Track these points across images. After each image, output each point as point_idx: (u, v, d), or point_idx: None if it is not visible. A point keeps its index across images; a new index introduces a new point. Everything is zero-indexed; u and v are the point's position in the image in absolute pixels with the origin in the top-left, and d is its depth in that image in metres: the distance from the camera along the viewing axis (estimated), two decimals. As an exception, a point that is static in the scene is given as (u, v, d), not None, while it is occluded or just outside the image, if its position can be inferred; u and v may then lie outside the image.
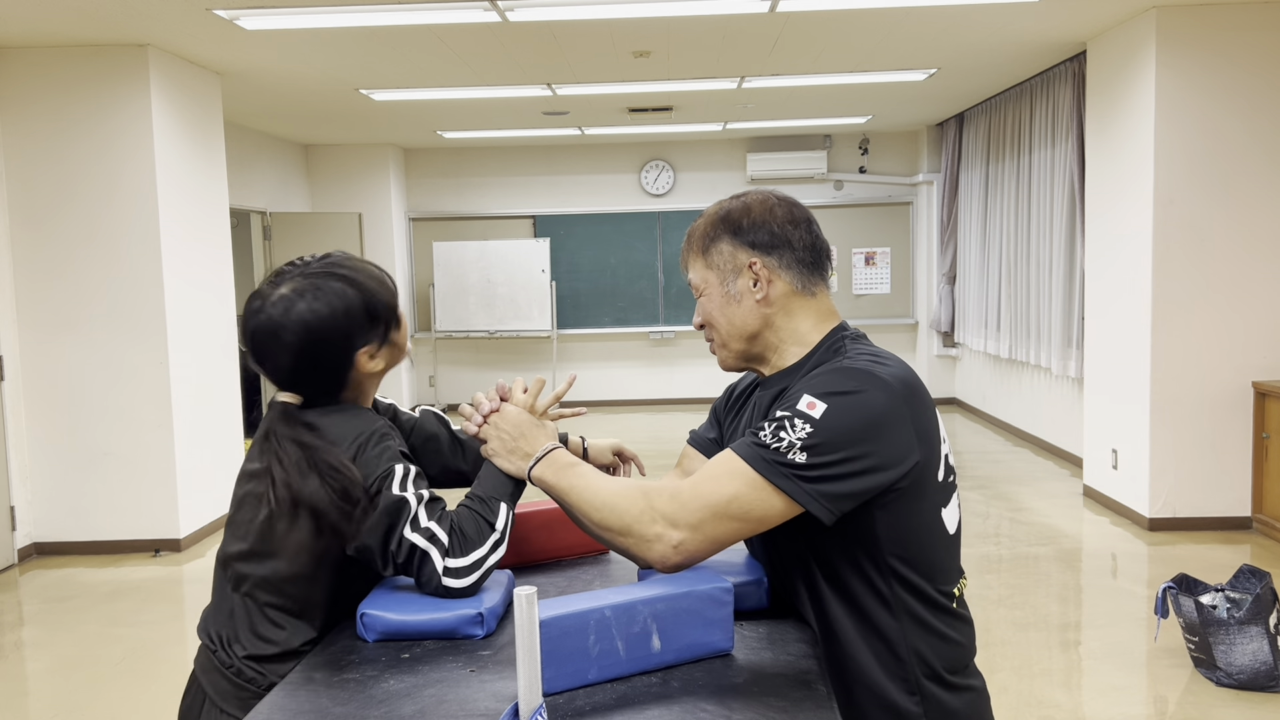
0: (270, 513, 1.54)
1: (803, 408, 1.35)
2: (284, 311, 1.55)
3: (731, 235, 1.50)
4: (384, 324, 1.62)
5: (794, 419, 1.35)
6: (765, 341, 1.51)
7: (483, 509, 1.55)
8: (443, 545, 1.50)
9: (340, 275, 1.59)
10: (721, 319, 1.51)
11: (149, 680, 3.93)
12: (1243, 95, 5.27)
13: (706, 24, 5.37)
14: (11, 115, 5.49)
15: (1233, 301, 5.35)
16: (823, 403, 1.34)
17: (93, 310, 5.58)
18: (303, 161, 9.77)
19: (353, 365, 1.60)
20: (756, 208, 1.51)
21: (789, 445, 1.33)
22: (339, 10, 4.80)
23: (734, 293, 1.50)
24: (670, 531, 1.35)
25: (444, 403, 10.50)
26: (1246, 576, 3.64)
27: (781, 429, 1.35)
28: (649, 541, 1.36)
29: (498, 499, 1.57)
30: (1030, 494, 6.40)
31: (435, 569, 1.49)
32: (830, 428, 1.33)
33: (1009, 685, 3.62)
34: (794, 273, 1.49)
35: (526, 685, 1.09)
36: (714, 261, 1.51)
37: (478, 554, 1.52)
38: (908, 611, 1.42)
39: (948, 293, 9.49)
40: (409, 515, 1.50)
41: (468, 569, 1.51)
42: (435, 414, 1.88)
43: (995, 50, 6.27)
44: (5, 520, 5.46)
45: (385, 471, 1.52)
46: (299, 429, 1.55)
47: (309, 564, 1.55)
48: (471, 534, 1.52)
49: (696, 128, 9.24)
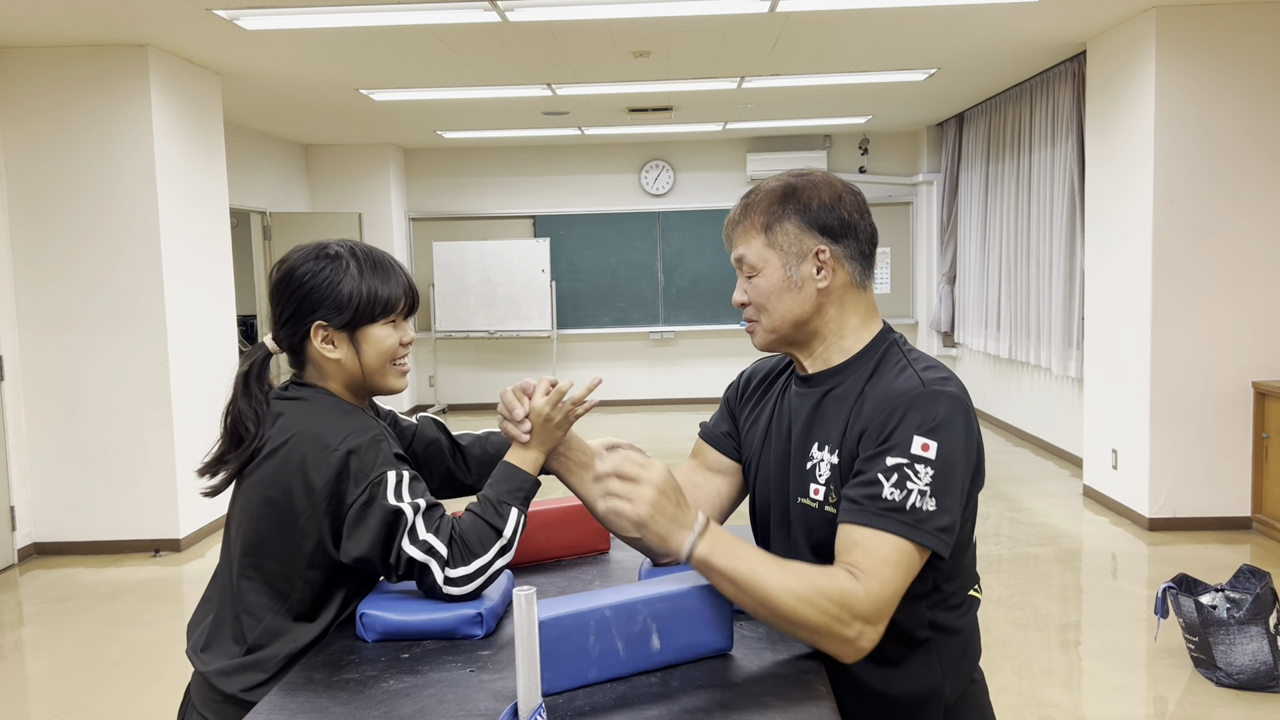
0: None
1: (917, 451, 1.33)
2: (298, 250, 1.61)
3: (800, 215, 1.41)
4: (353, 313, 1.57)
5: (914, 465, 1.33)
6: (812, 329, 1.46)
7: (491, 515, 1.52)
8: (442, 557, 1.48)
9: (348, 249, 1.60)
10: (777, 303, 1.43)
11: (149, 680, 3.93)
12: (1243, 95, 5.27)
13: (706, 24, 5.37)
14: (11, 115, 5.49)
15: (1233, 301, 5.35)
16: (933, 440, 1.33)
17: (92, 310, 5.58)
18: (303, 161, 9.78)
19: (307, 335, 1.58)
20: (825, 190, 1.42)
21: (919, 494, 1.32)
22: (339, 10, 4.80)
23: (796, 278, 1.42)
24: (869, 630, 1.30)
25: (444, 403, 10.50)
26: (1246, 576, 3.64)
27: (906, 479, 1.32)
28: (849, 641, 1.30)
29: (509, 504, 1.53)
30: (1030, 494, 6.40)
31: (436, 580, 1.48)
32: (945, 464, 1.34)
33: (1009, 685, 3.62)
34: (855, 264, 1.44)
35: (526, 685, 1.09)
36: (777, 241, 1.42)
37: (480, 561, 1.50)
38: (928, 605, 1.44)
39: (948, 293, 9.49)
40: (405, 527, 1.48)
41: (469, 577, 1.49)
42: (434, 420, 1.85)
43: (995, 50, 6.26)
44: (5, 520, 5.46)
45: (378, 477, 1.49)
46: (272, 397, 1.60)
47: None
48: (474, 542, 1.50)
49: (696, 128, 9.24)
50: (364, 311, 1.57)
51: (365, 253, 1.60)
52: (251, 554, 1.55)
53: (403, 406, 9.92)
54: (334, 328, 1.57)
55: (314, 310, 1.56)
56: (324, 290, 1.56)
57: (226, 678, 1.51)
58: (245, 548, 1.55)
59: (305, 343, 1.59)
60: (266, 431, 1.55)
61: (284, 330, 1.60)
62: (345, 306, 1.56)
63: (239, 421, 1.56)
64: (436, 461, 1.81)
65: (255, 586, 1.54)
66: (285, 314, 1.59)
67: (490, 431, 1.90)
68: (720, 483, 1.63)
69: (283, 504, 1.51)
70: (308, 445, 1.51)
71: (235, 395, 1.58)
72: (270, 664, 1.51)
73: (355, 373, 1.60)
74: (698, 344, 10.40)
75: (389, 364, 1.61)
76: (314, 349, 1.58)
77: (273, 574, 1.53)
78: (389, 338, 1.60)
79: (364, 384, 1.62)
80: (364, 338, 1.59)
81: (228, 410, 1.58)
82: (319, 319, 1.57)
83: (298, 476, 1.50)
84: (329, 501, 1.50)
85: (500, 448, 1.85)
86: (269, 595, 1.54)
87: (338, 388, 1.61)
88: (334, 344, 1.58)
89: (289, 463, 1.51)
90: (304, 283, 1.57)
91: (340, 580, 1.57)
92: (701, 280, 10.23)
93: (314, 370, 1.61)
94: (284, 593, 1.54)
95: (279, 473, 1.52)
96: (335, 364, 1.59)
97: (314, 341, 1.58)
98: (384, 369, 1.61)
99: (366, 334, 1.59)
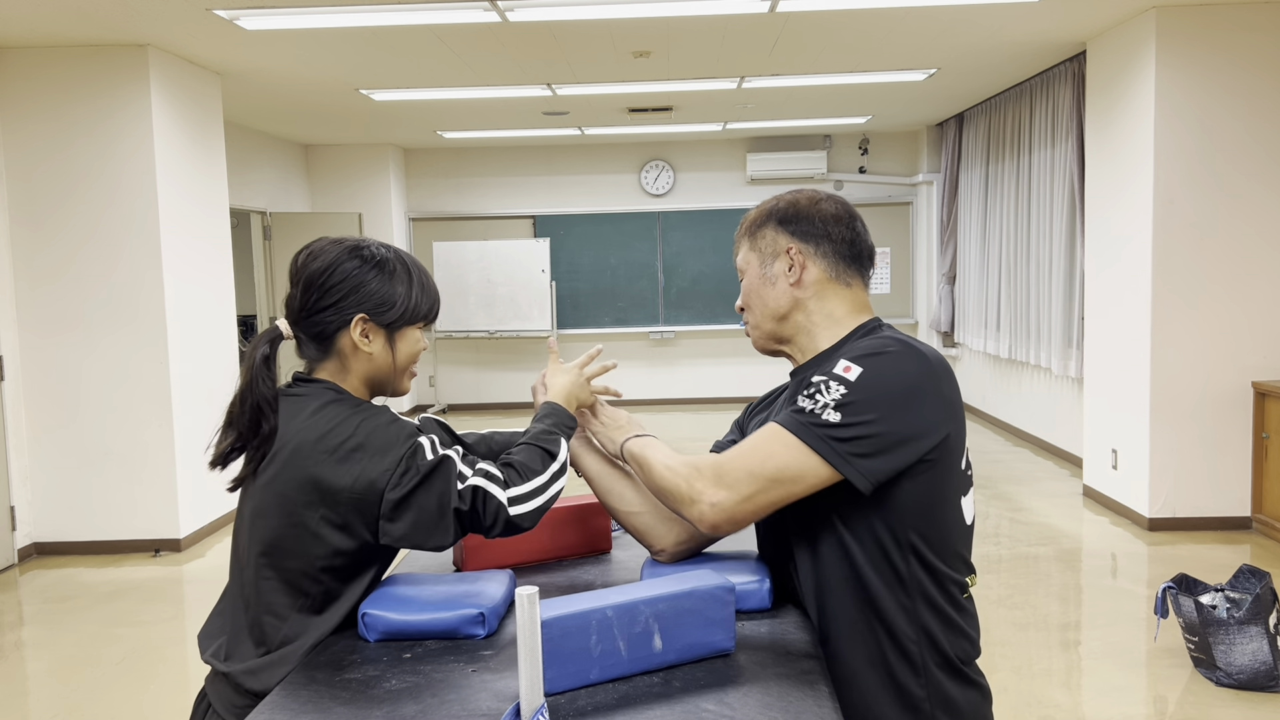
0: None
1: (838, 371, 1.41)
2: (334, 243, 1.63)
3: (776, 224, 1.59)
4: (397, 314, 1.62)
5: (829, 381, 1.41)
6: (795, 323, 1.57)
7: (543, 440, 1.60)
8: (499, 479, 1.52)
9: (396, 255, 1.65)
10: (757, 299, 1.60)
11: (149, 680, 3.93)
12: (1243, 95, 5.28)
13: (706, 24, 5.37)
14: (11, 115, 5.49)
15: (1233, 301, 5.35)
16: (858, 366, 1.41)
17: (93, 310, 5.58)
18: (303, 161, 9.78)
19: (346, 325, 1.60)
20: (805, 200, 1.61)
21: (823, 406, 1.39)
22: (339, 10, 4.80)
23: (770, 274, 1.58)
24: (711, 490, 1.42)
25: (444, 403, 10.50)
26: (1246, 576, 3.64)
27: (818, 391, 1.41)
28: (692, 501, 1.44)
29: (556, 434, 1.62)
30: (1030, 494, 6.40)
31: (500, 501, 1.50)
32: (865, 387, 1.38)
33: (1009, 685, 3.62)
34: (829, 262, 1.57)
35: (528, 685, 1.09)
36: (757, 245, 1.61)
37: (539, 480, 1.55)
38: (922, 593, 1.43)
39: (947, 293, 9.49)
40: (455, 469, 1.51)
41: (530, 494, 1.53)
42: (437, 421, 1.84)
43: (995, 50, 6.27)
44: (5, 520, 5.46)
45: (410, 449, 1.51)
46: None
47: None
48: (531, 462, 1.56)
49: (696, 128, 9.25)
50: (409, 313, 1.64)
51: (409, 259, 1.68)
52: (269, 554, 1.54)
53: (403, 406, 9.92)
54: (377, 323, 1.61)
55: (361, 304, 1.60)
56: (374, 287, 1.61)
57: (254, 675, 1.51)
58: (262, 548, 1.54)
59: (339, 332, 1.61)
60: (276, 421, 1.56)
61: (316, 317, 1.60)
62: (394, 306, 1.62)
63: (259, 407, 1.55)
64: None
65: (274, 586, 1.53)
66: (326, 302, 1.60)
67: (494, 431, 1.92)
68: None
69: (299, 501, 1.50)
70: (321, 440, 1.51)
71: (256, 379, 1.57)
72: (294, 658, 1.50)
73: (383, 368, 1.64)
74: (698, 344, 10.41)
75: (410, 366, 1.68)
76: (348, 338, 1.61)
77: (292, 572, 1.53)
78: (419, 341, 1.68)
79: (384, 381, 1.66)
80: (400, 337, 1.64)
81: (245, 395, 1.56)
82: (364, 312, 1.60)
83: (310, 473, 1.50)
84: (351, 489, 1.49)
85: (504, 445, 1.86)
86: (290, 594, 1.53)
87: (355, 381, 1.63)
88: (369, 338, 1.62)
89: (300, 458, 1.50)
90: (352, 276, 1.60)
91: (360, 571, 1.56)
92: (701, 280, 10.23)
93: (334, 362, 1.63)
94: (304, 590, 1.53)
95: (292, 469, 1.51)
96: (366, 357, 1.62)
97: (352, 332, 1.60)
98: (406, 370, 1.68)
99: (405, 334, 1.65)
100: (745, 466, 1.41)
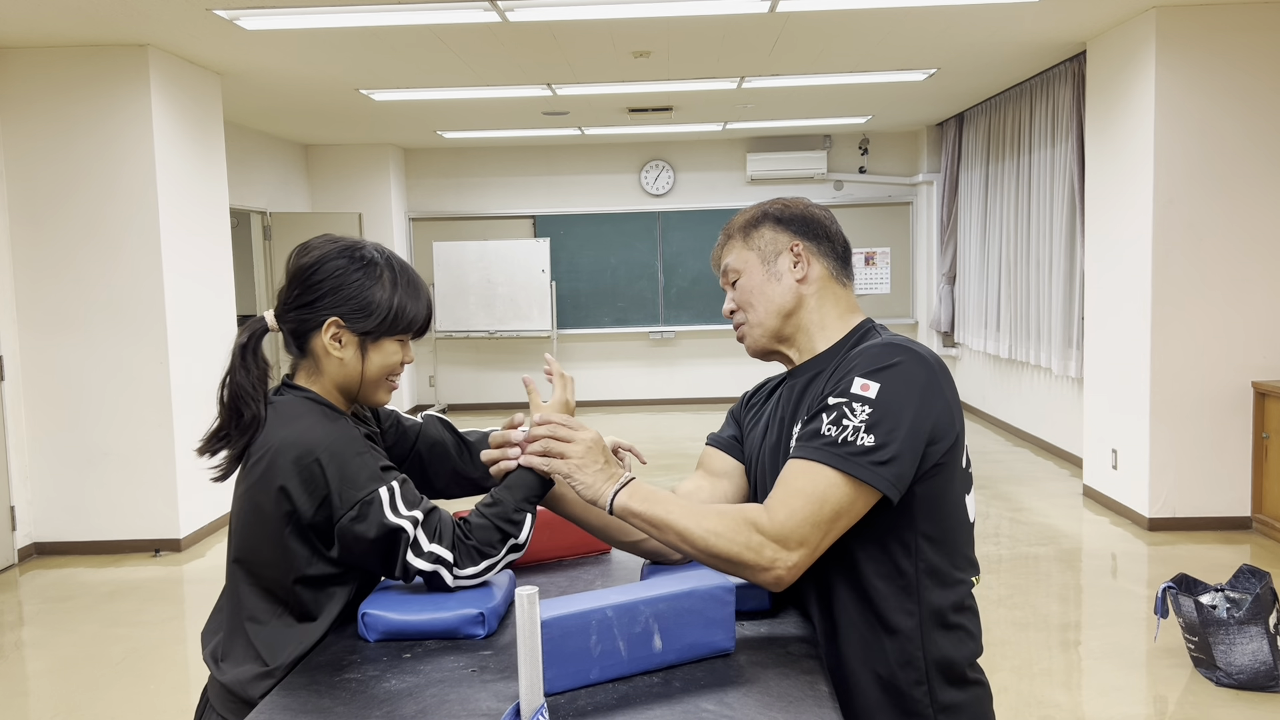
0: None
1: (857, 390, 1.39)
2: (331, 241, 1.60)
3: (774, 222, 1.59)
4: (374, 324, 1.56)
5: (850, 403, 1.38)
6: (798, 322, 1.56)
7: (505, 522, 1.53)
8: (448, 562, 1.50)
9: (384, 259, 1.60)
10: (760, 298, 1.56)
11: (149, 680, 3.93)
12: (1243, 95, 5.27)
13: (706, 24, 5.37)
14: (11, 115, 5.49)
15: (1232, 301, 5.35)
16: (874, 381, 1.39)
17: (93, 310, 5.57)
18: (303, 161, 9.77)
19: (319, 326, 1.56)
20: (794, 204, 1.61)
21: (854, 430, 1.37)
22: (339, 10, 4.80)
23: (775, 271, 1.56)
24: (784, 555, 1.36)
25: (444, 403, 10.50)
26: (1246, 576, 3.64)
27: (842, 416, 1.38)
28: (765, 569, 1.37)
29: (525, 510, 1.54)
30: (1030, 494, 6.40)
31: (445, 583, 1.51)
32: (887, 402, 1.37)
33: (1009, 685, 3.62)
34: (830, 260, 1.58)
35: (528, 685, 1.09)
36: (755, 243, 1.58)
37: (490, 561, 1.52)
38: (925, 594, 1.43)
39: (948, 293, 9.49)
40: (408, 542, 1.48)
41: (479, 574, 1.52)
42: (439, 419, 1.83)
43: (995, 50, 6.27)
44: (5, 520, 5.46)
45: (368, 496, 1.47)
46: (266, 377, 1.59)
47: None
48: (483, 543, 1.51)
49: (696, 128, 9.24)
50: (387, 324, 1.57)
51: (401, 267, 1.61)
52: (245, 561, 1.54)
53: (403, 406, 9.92)
54: (350, 329, 1.56)
55: (337, 306, 1.55)
56: (353, 291, 1.55)
57: (244, 685, 1.51)
58: (239, 554, 1.55)
59: (313, 333, 1.57)
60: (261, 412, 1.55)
61: (295, 314, 1.58)
62: (371, 314, 1.56)
63: (238, 395, 1.54)
64: (441, 462, 1.80)
65: (255, 592, 1.53)
66: (305, 299, 1.57)
67: (495, 431, 1.90)
68: (725, 485, 1.66)
69: (269, 513, 1.50)
70: (290, 454, 1.49)
71: (234, 367, 1.56)
72: (281, 670, 1.50)
73: (352, 377, 1.59)
74: (698, 344, 10.40)
75: (384, 379, 1.61)
76: (319, 341, 1.57)
77: (268, 580, 1.52)
78: (395, 354, 1.60)
79: (355, 390, 1.61)
80: (375, 348, 1.59)
81: (225, 383, 1.56)
82: (338, 316, 1.56)
83: (279, 486, 1.48)
84: (314, 513, 1.48)
85: None
86: (269, 600, 1.53)
87: (328, 386, 1.60)
88: (341, 343, 1.57)
89: (273, 470, 1.49)
90: (334, 276, 1.56)
91: (338, 580, 1.56)
92: (701, 280, 10.23)
93: (309, 362, 1.60)
94: (281, 599, 1.52)
95: (265, 480, 1.50)
96: (336, 363, 1.58)
97: (323, 335, 1.56)
98: (379, 382, 1.61)
99: (379, 345, 1.59)
100: (807, 519, 1.35)
